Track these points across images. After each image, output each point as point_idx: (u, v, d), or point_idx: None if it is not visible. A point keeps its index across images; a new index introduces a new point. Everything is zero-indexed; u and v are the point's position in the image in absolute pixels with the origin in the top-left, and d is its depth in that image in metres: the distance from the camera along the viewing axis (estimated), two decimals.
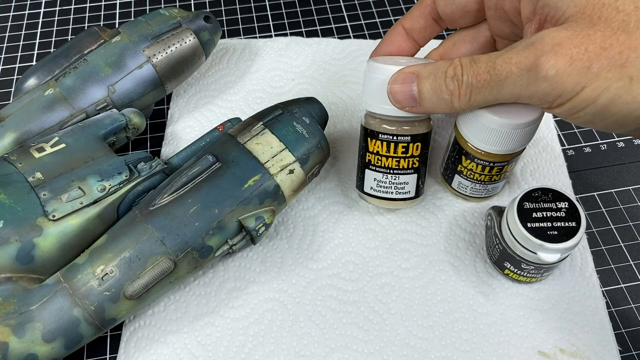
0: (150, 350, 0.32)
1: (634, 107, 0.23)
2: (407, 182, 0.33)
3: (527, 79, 0.24)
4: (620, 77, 0.22)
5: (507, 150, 0.31)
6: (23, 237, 0.29)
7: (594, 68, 0.22)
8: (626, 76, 0.22)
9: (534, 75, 0.24)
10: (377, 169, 0.33)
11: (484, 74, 0.25)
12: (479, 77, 0.26)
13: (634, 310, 0.33)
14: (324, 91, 0.43)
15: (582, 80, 0.23)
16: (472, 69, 0.26)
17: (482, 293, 0.34)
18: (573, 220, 0.30)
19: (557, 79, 0.23)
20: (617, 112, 0.23)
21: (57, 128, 0.35)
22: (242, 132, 0.33)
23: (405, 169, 0.33)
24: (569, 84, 0.23)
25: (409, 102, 0.29)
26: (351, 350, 0.32)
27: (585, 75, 0.22)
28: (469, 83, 0.26)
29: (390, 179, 0.33)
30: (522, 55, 0.24)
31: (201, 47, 0.39)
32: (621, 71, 0.22)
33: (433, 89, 0.28)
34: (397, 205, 0.34)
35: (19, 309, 0.28)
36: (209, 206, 0.30)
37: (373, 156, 0.33)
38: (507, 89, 0.25)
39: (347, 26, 0.48)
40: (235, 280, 0.34)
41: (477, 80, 0.26)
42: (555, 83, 0.23)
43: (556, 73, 0.23)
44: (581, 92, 0.23)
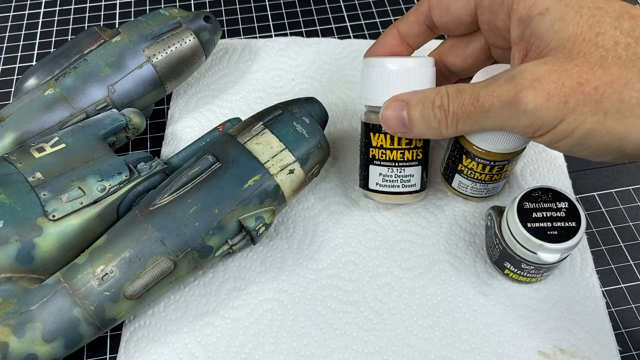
0: (150, 350, 0.32)
1: (608, 140, 0.23)
2: (412, 175, 0.33)
3: (508, 111, 0.25)
4: (595, 112, 0.23)
5: (507, 149, 0.31)
6: (23, 237, 0.29)
7: (570, 103, 0.23)
8: (601, 111, 0.23)
9: (514, 108, 0.24)
10: (382, 162, 0.33)
11: (468, 105, 0.26)
12: (464, 107, 0.27)
13: (634, 310, 0.33)
14: (324, 91, 0.43)
15: (559, 115, 0.23)
16: (458, 100, 0.27)
17: (482, 293, 0.34)
18: (573, 220, 0.30)
19: (535, 113, 0.24)
20: (593, 144, 0.24)
21: (57, 128, 0.35)
22: (242, 132, 0.33)
23: (410, 160, 0.33)
24: (547, 117, 0.24)
25: (401, 128, 0.30)
26: (351, 350, 0.32)
27: (562, 109, 0.23)
28: (455, 113, 0.27)
29: (396, 172, 0.33)
30: (503, 88, 0.25)
31: (201, 47, 0.39)
32: (596, 106, 0.23)
33: (422, 117, 0.28)
34: (403, 200, 0.34)
35: (19, 309, 0.28)
36: (209, 206, 0.30)
37: (377, 150, 0.33)
38: (491, 120, 0.26)
39: (347, 26, 0.48)
40: (235, 280, 0.34)
41: (463, 111, 0.27)
42: (534, 117, 0.24)
43: (535, 107, 0.24)
44: (559, 125, 0.24)
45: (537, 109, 0.24)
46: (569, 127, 0.24)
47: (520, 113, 0.24)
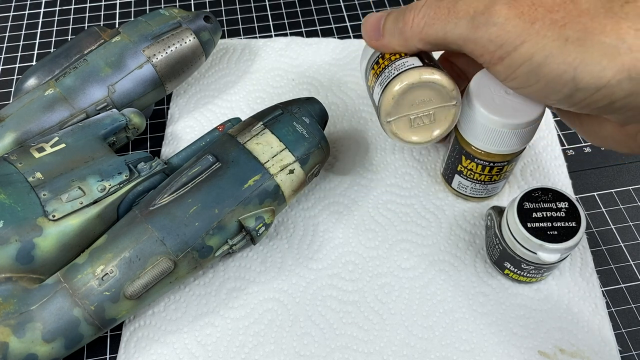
0: (150, 350, 0.32)
1: (563, 68, 0.23)
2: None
3: (478, 21, 0.25)
4: (557, 37, 0.23)
5: (507, 150, 0.31)
6: (23, 237, 0.29)
7: (537, 25, 0.24)
8: (562, 37, 0.23)
9: (485, 18, 0.25)
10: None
11: (443, 8, 0.27)
12: (437, 10, 0.27)
13: (634, 310, 0.33)
14: (324, 91, 0.43)
15: (523, 34, 0.24)
16: (435, 3, 0.27)
17: (482, 293, 0.34)
18: (573, 220, 0.30)
19: (503, 26, 0.24)
20: (549, 72, 0.24)
21: (57, 128, 0.35)
22: (242, 132, 0.33)
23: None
24: (512, 34, 0.24)
25: (375, 34, 0.30)
26: (351, 350, 0.32)
27: (528, 30, 0.24)
28: (426, 13, 0.27)
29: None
30: (481, 2, 0.26)
31: (201, 47, 0.39)
32: (559, 32, 0.23)
33: (394, 18, 0.29)
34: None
35: (19, 309, 0.28)
36: (209, 206, 0.30)
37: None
38: (459, 28, 0.26)
39: (347, 26, 0.48)
40: (235, 280, 0.34)
41: (435, 13, 0.27)
42: (502, 30, 0.25)
43: (504, 21, 0.24)
44: (520, 46, 0.24)
45: (506, 22, 0.24)
46: (530, 50, 0.24)
47: (490, 24, 0.25)
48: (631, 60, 0.22)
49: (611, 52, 0.22)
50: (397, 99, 0.29)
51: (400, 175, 0.38)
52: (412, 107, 0.30)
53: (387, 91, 0.29)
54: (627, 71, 0.22)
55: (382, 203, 0.37)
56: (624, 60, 0.22)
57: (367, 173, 0.38)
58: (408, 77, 0.29)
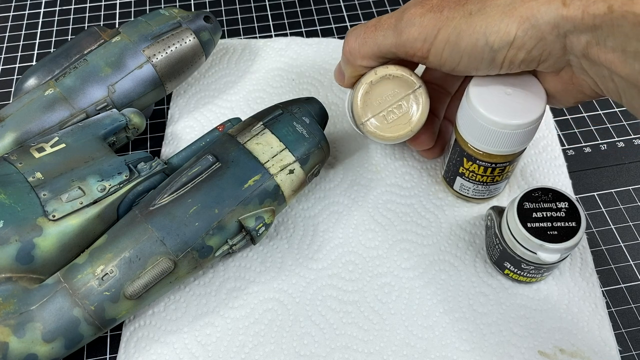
0: (150, 350, 0.32)
1: (475, 37, 0.27)
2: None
3: (400, 27, 0.29)
4: (462, 15, 0.27)
5: (508, 150, 0.31)
6: (23, 237, 0.29)
7: (445, 12, 0.27)
8: (467, 12, 0.27)
9: (404, 23, 0.29)
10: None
11: (371, 26, 0.31)
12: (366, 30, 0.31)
13: (634, 310, 0.33)
14: (324, 91, 0.43)
15: (438, 24, 0.28)
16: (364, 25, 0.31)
17: (482, 293, 0.34)
18: (573, 220, 0.30)
19: (420, 23, 0.28)
20: (466, 46, 0.27)
21: (57, 128, 0.35)
22: (242, 132, 0.33)
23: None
24: (429, 27, 0.28)
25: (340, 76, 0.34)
26: (351, 350, 0.32)
27: (439, 18, 0.28)
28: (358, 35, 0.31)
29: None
30: (398, 11, 0.30)
31: (201, 47, 0.39)
32: (463, 9, 0.27)
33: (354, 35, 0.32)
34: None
35: (19, 309, 0.28)
36: (209, 206, 0.30)
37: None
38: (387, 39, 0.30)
39: (347, 26, 0.48)
40: (235, 280, 0.34)
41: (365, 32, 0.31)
42: (420, 27, 0.28)
43: (420, 19, 0.28)
44: (438, 33, 0.28)
45: (422, 19, 0.28)
46: (445, 34, 0.27)
47: (410, 25, 0.28)
48: (526, 10, 0.25)
49: (508, 9, 0.26)
50: (364, 100, 0.32)
51: (400, 175, 0.38)
52: (382, 104, 0.32)
53: (354, 97, 0.32)
54: (527, 20, 0.25)
55: (382, 203, 0.37)
56: (521, 12, 0.25)
57: (367, 173, 0.38)
58: (366, 78, 0.32)
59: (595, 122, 0.42)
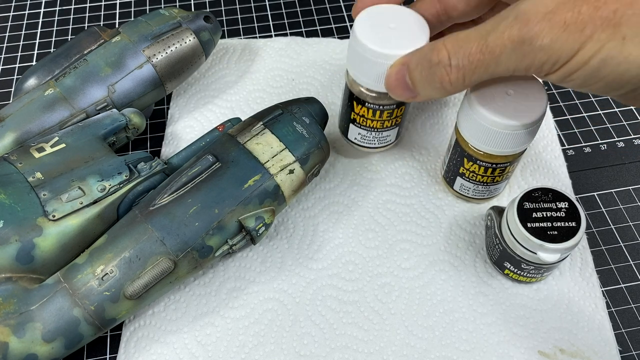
0: (150, 350, 0.32)
1: (625, 67, 0.22)
2: (389, 135, 0.36)
3: (522, 51, 0.23)
4: (613, 37, 0.22)
5: (509, 151, 0.31)
6: (23, 237, 0.29)
7: (588, 30, 0.22)
8: (619, 36, 0.22)
9: (529, 46, 0.23)
10: (362, 127, 0.34)
11: (476, 53, 0.24)
12: (470, 57, 0.25)
13: (634, 310, 0.33)
14: (324, 91, 0.43)
15: (576, 44, 0.22)
16: (462, 50, 0.25)
17: (482, 293, 0.34)
18: (573, 220, 0.30)
19: (552, 46, 0.23)
20: (609, 74, 0.23)
21: (57, 128, 0.35)
22: (242, 132, 0.33)
23: (389, 127, 0.35)
24: (565, 49, 0.22)
25: (408, 94, 0.28)
26: (351, 350, 0.32)
27: (579, 38, 0.22)
28: (460, 66, 0.25)
29: (374, 135, 0.36)
30: (514, 27, 0.23)
31: (201, 47, 0.39)
32: (614, 31, 0.22)
33: (423, 77, 0.27)
34: (378, 151, 0.38)
35: (19, 309, 0.28)
36: (209, 206, 0.30)
37: (358, 117, 0.35)
38: (503, 65, 0.24)
39: (347, 26, 0.48)
40: (235, 280, 0.34)
41: (470, 62, 0.25)
42: (551, 50, 0.23)
43: (551, 40, 0.22)
44: (575, 55, 0.22)
45: (554, 41, 0.22)
46: (585, 56, 0.22)
47: (537, 50, 0.23)
48: None
49: None
50: None
51: (400, 175, 0.38)
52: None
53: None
54: None
55: (382, 203, 0.37)
56: None
57: (367, 173, 0.38)
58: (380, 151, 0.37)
59: (595, 122, 0.42)
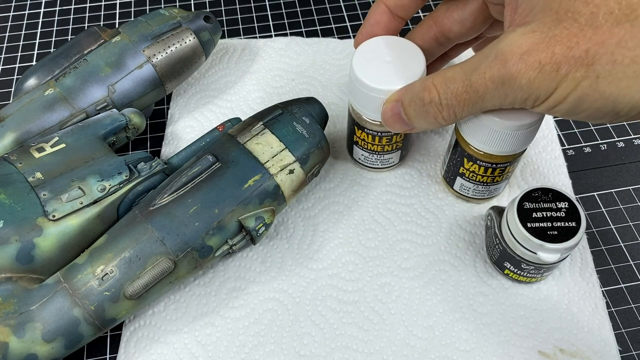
0: (150, 350, 0.32)
1: (601, 103, 0.23)
2: (391, 157, 0.37)
3: (503, 90, 0.25)
4: (587, 76, 0.22)
5: (509, 151, 0.31)
6: (23, 237, 0.29)
7: (562, 70, 0.23)
8: (593, 75, 0.22)
9: (508, 86, 0.24)
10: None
11: (462, 93, 0.26)
12: (458, 97, 0.26)
13: (634, 310, 0.33)
14: (324, 91, 0.43)
15: (552, 84, 0.23)
16: (450, 90, 0.26)
17: (482, 293, 0.34)
18: (573, 220, 0.30)
19: (530, 86, 0.24)
20: (587, 108, 0.24)
21: (57, 128, 0.35)
22: (242, 132, 0.33)
23: (390, 151, 0.36)
24: (542, 88, 0.23)
25: (404, 127, 0.30)
26: (351, 350, 0.32)
27: (555, 78, 0.23)
28: (449, 105, 0.27)
29: (376, 157, 0.37)
30: (494, 68, 0.24)
31: (201, 47, 0.39)
32: (588, 70, 0.22)
33: (417, 114, 0.28)
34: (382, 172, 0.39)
35: (19, 309, 0.28)
36: (209, 206, 0.30)
37: (360, 140, 0.36)
38: (489, 102, 0.26)
39: (347, 26, 0.48)
40: (235, 280, 0.34)
41: (458, 101, 0.26)
42: (530, 90, 0.24)
43: (528, 81, 0.24)
44: (553, 93, 0.24)
45: (531, 82, 0.23)
46: (563, 94, 0.23)
47: (516, 89, 0.24)
48: None
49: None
50: None
51: (400, 175, 0.38)
52: None
53: None
54: None
55: (382, 203, 0.37)
56: None
57: (367, 173, 0.38)
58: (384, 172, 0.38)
59: None
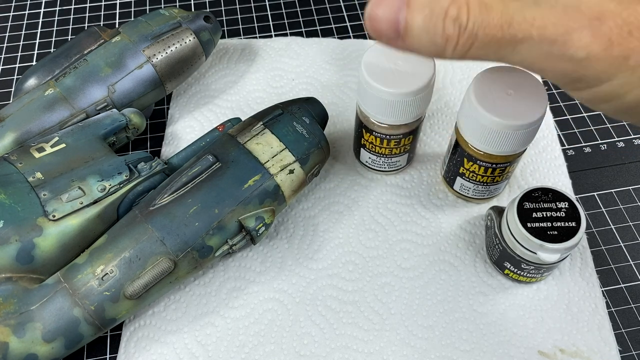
0: (150, 350, 0.32)
1: None
2: (399, 160, 0.37)
3: (547, 51, 0.19)
4: None
5: (509, 151, 0.31)
6: (23, 237, 0.29)
7: (632, 61, 0.18)
8: None
9: (558, 50, 0.19)
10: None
11: (495, 27, 0.20)
12: (487, 30, 0.20)
13: (634, 310, 0.33)
14: (324, 91, 0.43)
15: (612, 70, 0.18)
16: (482, 17, 0.20)
17: (482, 293, 0.34)
18: (573, 220, 0.30)
19: (584, 63, 0.19)
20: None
21: (57, 128, 0.35)
22: (242, 132, 0.33)
23: (398, 154, 0.36)
24: (595, 70, 0.19)
25: (390, 33, 0.21)
26: (351, 350, 0.32)
27: (619, 66, 0.18)
28: (473, 33, 0.20)
29: (383, 160, 0.37)
30: (549, 19, 0.19)
31: (201, 47, 0.39)
32: None
33: (426, 26, 0.21)
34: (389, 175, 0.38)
35: (19, 309, 0.28)
36: (209, 206, 0.30)
37: (368, 143, 0.35)
38: (519, 54, 0.20)
39: (347, 26, 0.48)
40: (235, 280, 0.34)
41: (485, 34, 0.20)
42: (580, 67, 0.19)
43: (586, 56, 0.18)
44: (607, 82, 0.19)
45: (589, 58, 0.18)
46: (620, 90, 0.19)
47: (564, 59, 0.19)
48: None
49: None
50: None
51: (400, 175, 0.38)
52: None
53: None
54: None
55: (382, 203, 0.37)
56: None
57: (367, 173, 0.38)
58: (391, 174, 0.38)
59: (595, 122, 0.42)
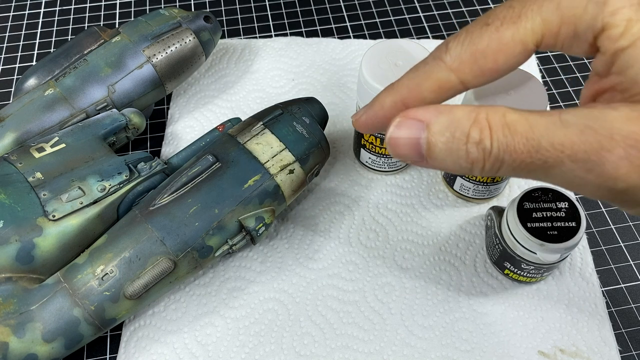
0: (150, 350, 0.32)
1: None
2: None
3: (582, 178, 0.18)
4: None
5: None
6: (23, 237, 0.29)
7: None
8: None
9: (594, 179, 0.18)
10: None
11: (522, 153, 0.18)
12: (514, 155, 0.18)
13: (634, 310, 0.33)
14: (324, 91, 0.43)
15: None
16: (506, 141, 0.18)
17: (482, 293, 0.34)
18: (573, 220, 0.30)
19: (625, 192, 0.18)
20: None
21: (57, 128, 0.35)
22: (242, 132, 0.33)
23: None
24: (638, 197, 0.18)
25: (415, 156, 0.20)
26: (351, 350, 0.32)
27: None
28: (500, 158, 0.19)
29: (383, 160, 0.37)
30: (579, 146, 0.17)
31: (201, 47, 0.39)
32: None
33: (448, 150, 0.19)
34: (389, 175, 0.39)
35: (19, 309, 0.28)
36: (209, 206, 0.30)
37: (368, 143, 0.36)
38: (553, 178, 0.19)
39: (347, 26, 0.48)
40: (235, 280, 0.34)
41: (512, 159, 0.19)
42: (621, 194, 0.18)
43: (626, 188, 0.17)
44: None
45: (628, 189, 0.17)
46: None
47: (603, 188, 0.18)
48: None
49: None
50: None
51: (400, 175, 0.38)
52: None
53: None
54: None
55: (383, 203, 0.37)
56: None
57: (367, 173, 0.38)
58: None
59: None
